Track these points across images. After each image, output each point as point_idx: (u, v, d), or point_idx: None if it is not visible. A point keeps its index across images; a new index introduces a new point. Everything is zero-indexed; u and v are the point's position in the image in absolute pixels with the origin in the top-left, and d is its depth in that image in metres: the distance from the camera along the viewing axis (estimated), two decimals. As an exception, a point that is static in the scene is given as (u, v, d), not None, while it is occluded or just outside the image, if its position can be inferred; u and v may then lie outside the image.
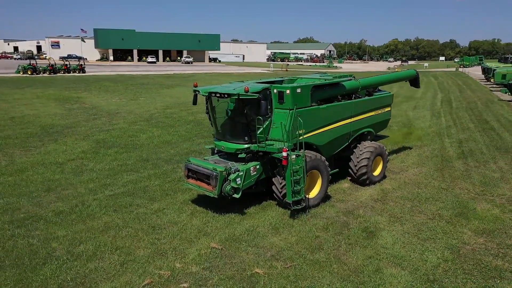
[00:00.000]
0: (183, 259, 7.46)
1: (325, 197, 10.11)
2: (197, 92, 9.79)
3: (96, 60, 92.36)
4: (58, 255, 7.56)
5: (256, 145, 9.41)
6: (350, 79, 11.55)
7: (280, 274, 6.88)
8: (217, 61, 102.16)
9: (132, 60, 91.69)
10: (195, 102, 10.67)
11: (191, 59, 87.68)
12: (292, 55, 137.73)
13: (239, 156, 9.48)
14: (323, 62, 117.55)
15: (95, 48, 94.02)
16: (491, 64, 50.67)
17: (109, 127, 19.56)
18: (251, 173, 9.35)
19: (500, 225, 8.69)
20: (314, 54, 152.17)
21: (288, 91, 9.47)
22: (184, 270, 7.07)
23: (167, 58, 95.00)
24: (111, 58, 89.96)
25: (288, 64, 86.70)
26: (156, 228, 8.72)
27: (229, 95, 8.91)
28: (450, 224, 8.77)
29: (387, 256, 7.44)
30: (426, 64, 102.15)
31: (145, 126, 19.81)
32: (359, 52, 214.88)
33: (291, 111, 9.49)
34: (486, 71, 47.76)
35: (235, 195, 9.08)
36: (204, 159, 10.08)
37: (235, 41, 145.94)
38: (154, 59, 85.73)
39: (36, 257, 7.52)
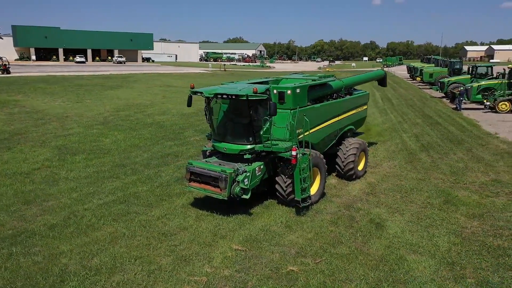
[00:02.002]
0: (211, 263, 7.35)
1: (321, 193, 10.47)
2: (199, 94, 9.55)
3: (15, 60, 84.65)
4: (74, 271, 7.05)
5: (261, 145, 9.48)
6: (334, 80, 12.07)
7: (314, 269, 7.07)
8: (151, 61, 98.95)
9: (58, 59, 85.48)
10: (189, 103, 10.44)
11: (123, 59, 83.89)
12: (224, 55, 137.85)
13: (245, 157, 9.47)
14: (255, 62, 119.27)
15: (14, 46, 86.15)
16: (416, 64, 55.11)
17: (64, 132, 18.26)
18: (256, 173, 9.41)
19: (484, 209, 9.69)
20: (246, 54, 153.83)
21: (289, 92, 9.68)
22: (217, 274, 6.97)
23: (97, 58, 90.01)
24: (33, 57, 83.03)
25: (225, 64, 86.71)
26: (167, 235, 8.44)
27: (237, 96, 8.86)
28: (443, 211, 9.59)
29: (403, 244, 7.97)
30: (353, 64, 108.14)
31: (104, 130, 18.79)
32: (288, 52, 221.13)
33: (293, 111, 9.71)
34: (412, 70, 51.83)
35: (244, 196, 9.08)
36: (206, 161, 9.91)
37: (163, 40, 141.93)
38: (83, 59, 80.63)
39: (49, 275, 6.93)
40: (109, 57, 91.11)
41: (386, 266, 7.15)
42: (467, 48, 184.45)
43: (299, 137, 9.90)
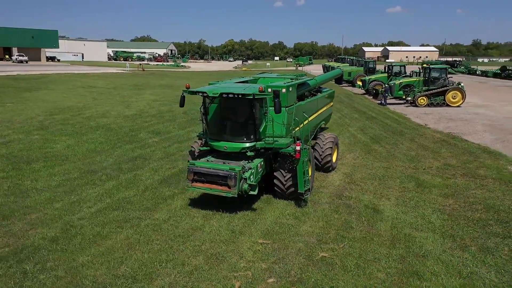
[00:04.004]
0: (243, 258, 7.52)
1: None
2: (200, 94, 9.48)
3: None
4: (109, 281, 6.73)
5: (262, 142, 9.78)
6: (311, 78, 12.81)
7: (343, 254, 7.65)
8: (56, 60, 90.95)
9: None
10: (182, 104, 10.32)
11: (25, 58, 75.84)
12: (135, 54, 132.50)
13: (248, 154, 9.69)
14: (168, 62, 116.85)
15: None
16: (332, 63, 59.03)
17: (0, 139, 16.43)
18: (258, 169, 9.72)
19: (452, 189, 11.18)
20: (157, 53, 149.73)
21: (284, 90, 10.13)
22: (257, 268, 7.19)
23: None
24: None
25: (141, 64, 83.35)
26: (184, 236, 8.37)
27: (243, 95, 9.04)
28: (420, 193, 10.86)
29: (404, 224, 8.94)
30: (268, 63, 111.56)
31: (47, 136, 17.28)
32: (199, 51, 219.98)
33: (288, 108, 10.18)
34: (328, 69, 55.40)
35: (252, 192, 9.34)
36: (208, 160, 9.91)
37: (62, 37, 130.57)
38: (-25, 58, 71.30)
39: (83, 288, 6.53)
40: (7, 56, 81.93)
41: (401, 244, 8.01)
42: (365, 49, 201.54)
43: (292, 132, 10.42)
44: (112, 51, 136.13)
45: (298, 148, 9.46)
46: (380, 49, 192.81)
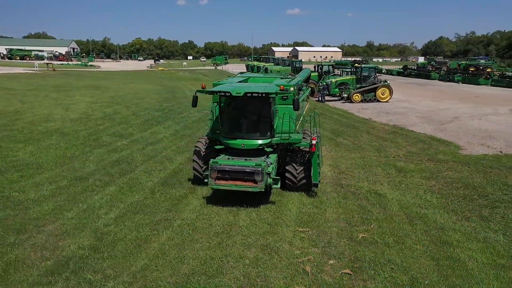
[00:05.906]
0: (294, 246, 8.04)
1: (309, 177, 11.89)
2: (221, 94, 9.67)
3: None
4: (184, 280, 6.81)
5: (277, 138, 10.33)
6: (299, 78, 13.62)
7: (378, 233, 8.56)
8: None
9: None
10: (195, 104, 10.41)
11: None
12: (33, 53, 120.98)
13: (267, 150, 10.15)
14: (71, 61, 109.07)
15: None
16: (257, 63, 60.69)
17: None
18: (275, 164, 10.25)
19: (427, 172, 12.85)
20: (57, 51, 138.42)
21: (292, 89, 10.77)
22: (312, 252, 7.77)
23: None
24: None
25: (48, 64, 76.50)
26: (225, 233, 8.59)
27: (267, 93, 9.48)
28: (405, 178, 12.32)
29: (409, 204, 10.19)
30: (185, 63, 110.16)
31: (1, 143, 15.65)
32: (104, 50, 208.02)
33: (296, 106, 10.85)
34: (253, 69, 56.95)
35: (275, 186, 9.85)
36: (228, 158, 10.10)
37: None
38: None
39: (163, 290, 6.52)
40: None
41: (419, 220, 9.21)
42: (274, 49, 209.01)
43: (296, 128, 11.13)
44: (6, 49, 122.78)
45: (314, 142, 10.20)
46: (289, 49, 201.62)
